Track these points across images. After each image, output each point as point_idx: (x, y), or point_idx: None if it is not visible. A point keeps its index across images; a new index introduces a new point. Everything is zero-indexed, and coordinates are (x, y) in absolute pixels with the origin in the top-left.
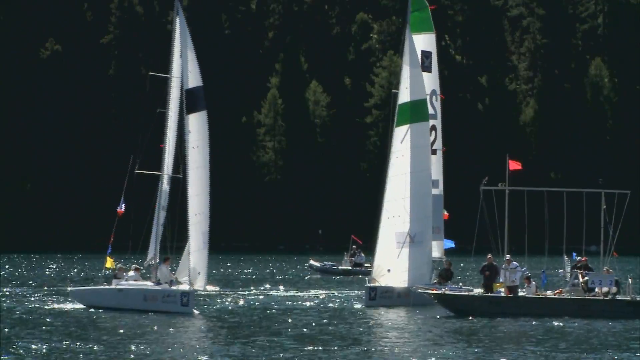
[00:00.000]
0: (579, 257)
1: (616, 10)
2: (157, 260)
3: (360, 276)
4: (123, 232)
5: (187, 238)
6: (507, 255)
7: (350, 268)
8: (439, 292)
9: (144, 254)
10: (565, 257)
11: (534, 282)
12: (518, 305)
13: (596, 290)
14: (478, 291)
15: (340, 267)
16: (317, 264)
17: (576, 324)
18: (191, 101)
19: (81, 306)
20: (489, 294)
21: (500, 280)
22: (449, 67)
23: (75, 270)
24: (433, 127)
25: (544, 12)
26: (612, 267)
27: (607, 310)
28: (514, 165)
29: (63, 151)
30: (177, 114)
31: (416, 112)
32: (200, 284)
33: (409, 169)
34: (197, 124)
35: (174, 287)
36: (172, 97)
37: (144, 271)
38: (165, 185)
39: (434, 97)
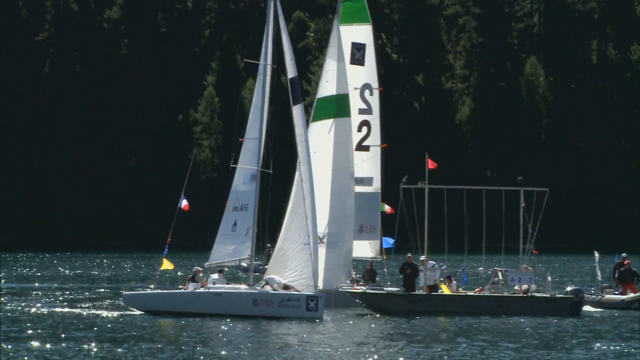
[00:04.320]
0: (623, 255)
1: (552, 9)
2: (250, 262)
3: None
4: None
5: (290, 238)
6: (422, 257)
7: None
8: (360, 291)
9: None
10: (596, 254)
11: (454, 281)
12: (439, 303)
13: (515, 287)
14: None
15: (266, 267)
16: (244, 264)
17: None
18: (295, 91)
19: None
20: (410, 293)
21: (420, 282)
22: (385, 65)
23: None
24: (366, 123)
25: (479, 11)
26: (530, 264)
27: (526, 307)
28: (432, 164)
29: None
30: (263, 105)
31: (341, 107)
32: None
33: (327, 165)
34: (300, 116)
35: (292, 291)
36: (258, 85)
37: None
38: (248, 182)
39: (367, 91)
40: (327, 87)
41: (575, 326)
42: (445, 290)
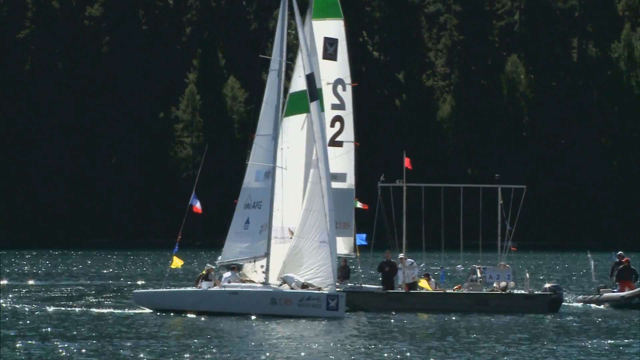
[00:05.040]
0: (619, 253)
1: (532, 7)
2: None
3: None
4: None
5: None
6: (401, 255)
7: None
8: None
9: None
10: (589, 255)
11: (433, 280)
12: (417, 301)
13: (494, 285)
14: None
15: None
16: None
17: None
18: (312, 88)
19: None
20: (389, 291)
21: (399, 280)
22: (366, 62)
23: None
24: (339, 118)
25: (460, 9)
26: (509, 262)
27: (504, 304)
28: (408, 163)
29: None
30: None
31: None
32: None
33: (300, 160)
34: (317, 113)
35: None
36: (270, 81)
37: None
38: (262, 179)
39: (339, 86)
40: (299, 81)
41: (553, 323)
42: (425, 286)
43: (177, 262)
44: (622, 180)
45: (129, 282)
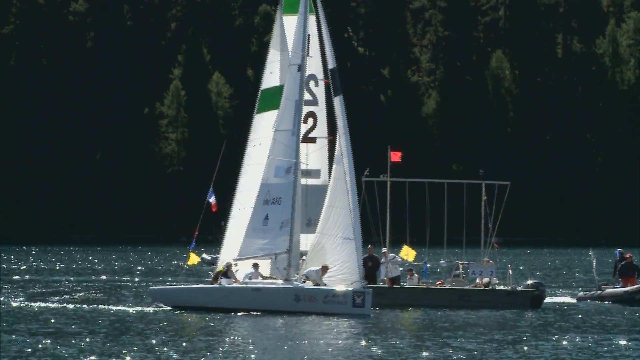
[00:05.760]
0: (619, 250)
1: (517, 3)
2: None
3: None
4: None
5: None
6: (384, 249)
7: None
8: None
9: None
10: (591, 253)
11: (416, 274)
12: (400, 296)
13: (477, 280)
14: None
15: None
16: (209, 257)
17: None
18: (335, 83)
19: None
20: (372, 285)
21: (382, 275)
22: (351, 58)
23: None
24: (312, 114)
25: (445, 5)
26: (492, 258)
27: (487, 300)
28: (394, 156)
29: None
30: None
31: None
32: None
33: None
34: (341, 108)
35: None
36: (290, 77)
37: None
38: (282, 175)
39: (312, 82)
40: (271, 78)
41: (536, 319)
42: (409, 253)
43: (193, 259)
44: (607, 176)
45: (125, 279)
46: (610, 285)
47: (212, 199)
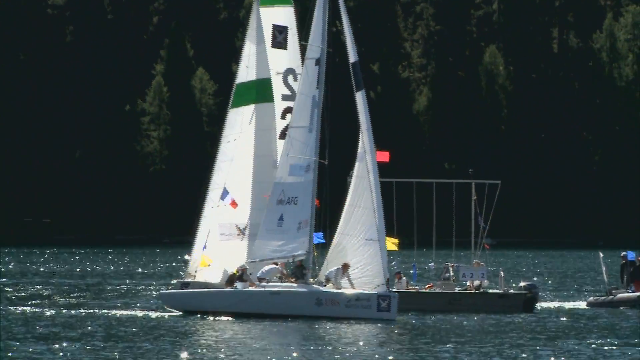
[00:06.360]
0: (623, 254)
1: None
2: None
3: None
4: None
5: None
6: None
7: None
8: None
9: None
10: (601, 255)
11: (404, 278)
12: None
13: (467, 283)
14: None
15: None
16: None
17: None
18: (357, 77)
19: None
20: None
21: None
22: (340, 53)
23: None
24: (290, 110)
25: None
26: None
27: (478, 303)
28: (381, 156)
29: None
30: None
31: (262, 92)
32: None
33: (248, 153)
34: (363, 103)
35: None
36: (307, 71)
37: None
38: (299, 174)
39: (290, 76)
40: (247, 71)
41: (529, 322)
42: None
43: (205, 261)
44: (604, 175)
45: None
46: (621, 290)
47: (227, 199)
